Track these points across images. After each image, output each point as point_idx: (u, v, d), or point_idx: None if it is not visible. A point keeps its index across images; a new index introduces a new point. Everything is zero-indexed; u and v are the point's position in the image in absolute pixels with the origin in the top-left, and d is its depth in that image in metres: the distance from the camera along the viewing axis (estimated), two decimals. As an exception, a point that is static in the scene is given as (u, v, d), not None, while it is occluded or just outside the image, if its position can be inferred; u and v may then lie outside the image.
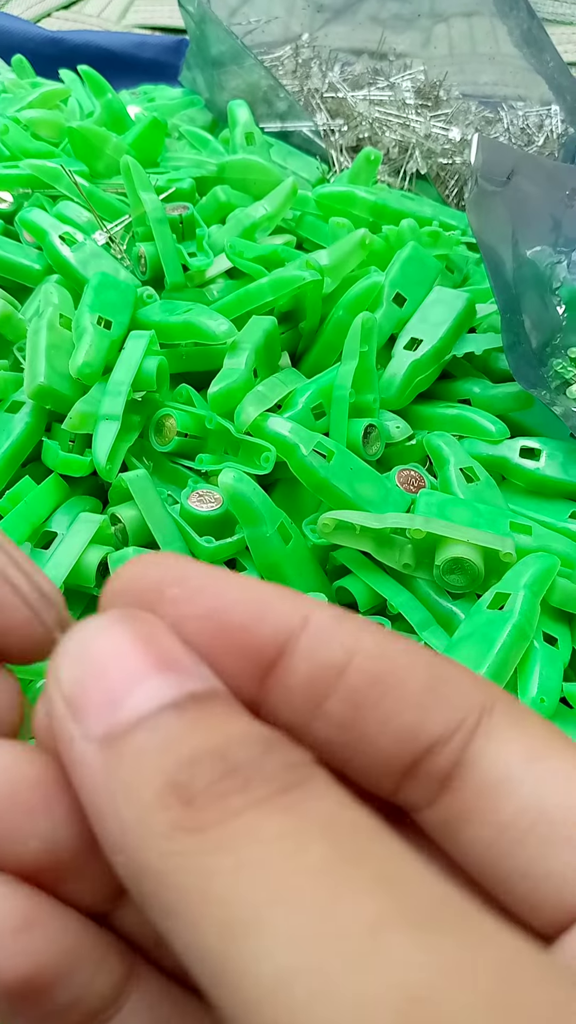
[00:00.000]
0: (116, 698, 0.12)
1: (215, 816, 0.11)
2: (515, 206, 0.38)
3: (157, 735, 0.11)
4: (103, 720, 0.12)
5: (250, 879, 0.10)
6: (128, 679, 0.12)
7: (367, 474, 0.29)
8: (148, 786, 0.11)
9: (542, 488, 0.31)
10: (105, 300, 0.32)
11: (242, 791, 0.11)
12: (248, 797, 0.11)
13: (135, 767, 0.11)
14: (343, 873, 0.10)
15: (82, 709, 0.12)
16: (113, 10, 0.68)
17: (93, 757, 0.11)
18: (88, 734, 0.12)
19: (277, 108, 0.46)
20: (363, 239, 0.34)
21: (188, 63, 0.51)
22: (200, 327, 0.31)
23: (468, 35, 0.59)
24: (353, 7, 0.56)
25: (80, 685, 0.12)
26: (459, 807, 0.13)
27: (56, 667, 0.12)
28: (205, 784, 0.11)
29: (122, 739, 0.11)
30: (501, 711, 0.13)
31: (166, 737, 0.11)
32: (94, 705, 0.12)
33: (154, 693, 0.12)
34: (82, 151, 0.39)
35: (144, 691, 0.12)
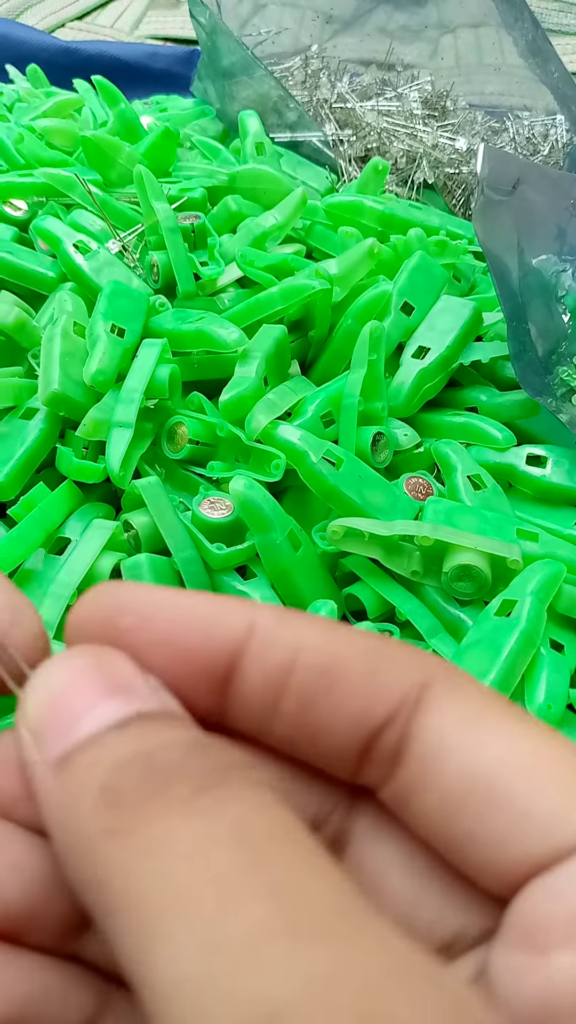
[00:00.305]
0: (71, 723, 0.12)
1: (137, 819, 0.11)
2: (521, 215, 0.38)
3: (100, 750, 0.12)
4: (59, 744, 0.12)
5: (159, 885, 0.10)
6: (83, 705, 0.13)
7: (376, 481, 0.30)
8: (86, 795, 0.12)
9: (549, 495, 0.32)
10: (118, 308, 0.32)
11: (161, 792, 0.11)
12: (166, 798, 0.11)
13: (78, 780, 0.12)
14: (239, 881, 0.10)
15: (42, 736, 0.13)
16: (126, 21, 0.69)
17: (49, 779, 0.12)
18: (47, 758, 0.12)
19: (287, 118, 0.46)
20: (371, 248, 0.34)
21: (199, 74, 0.51)
22: (211, 335, 0.31)
23: (475, 46, 0.60)
24: (362, 19, 0.56)
25: (42, 715, 0.13)
26: (407, 780, 0.13)
27: (23, 701, 0.13)
28: (131, 785, 0.11)
29: (71, 758, 0.12)
30: (440, 684, 0.13)
31: (107, 751, 0.12)
32: (52, 731, 0.13)
33: (103, 715, 0.12)
34: (96, 160, 0.40)
35: (95, 714, 0.12)
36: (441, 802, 0.13)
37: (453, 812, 0.13)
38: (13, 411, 0.32)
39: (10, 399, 0.32)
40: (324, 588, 0.29)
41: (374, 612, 0.29)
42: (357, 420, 0.31)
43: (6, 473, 0.30)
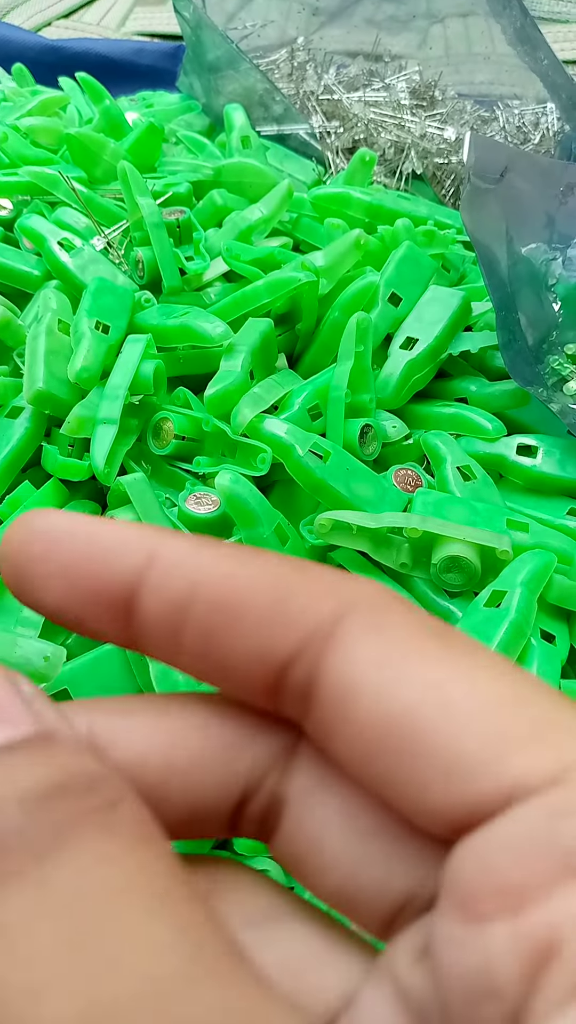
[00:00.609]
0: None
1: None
2: (509, 203, 0.38)
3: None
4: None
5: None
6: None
7: (364, 474, 0.30)
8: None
9: (539, 485, 0.31)
10: (103, 305, 0.32)
11: (1, 863, 0.10)
12: (4, 870, 0.10)
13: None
14: (56, 965, 0.09)
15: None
16: (112, 18, 0.68)
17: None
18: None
19: (273, 111, 0.46)
20: (358, 239, 0.34)
21: (185, 69, 0.51)
22: (196, 330, 0.31)
23: (463, 35, 0.59)
24: (348, 10, 0.56)
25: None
26: (320, 720, 0.12)
27: None
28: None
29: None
30: (358, 614, 0.12)
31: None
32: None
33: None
34: (80, 157, 0.40)
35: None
36: (354, 747, 0.12)
37: (370, 758, 0.12)
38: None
39: (-5, 398, 0.32)
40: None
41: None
42: (345, 412, 0.30)
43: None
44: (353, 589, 0.13)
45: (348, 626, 0.12)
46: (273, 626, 0.12)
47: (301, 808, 0.13)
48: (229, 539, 0.29)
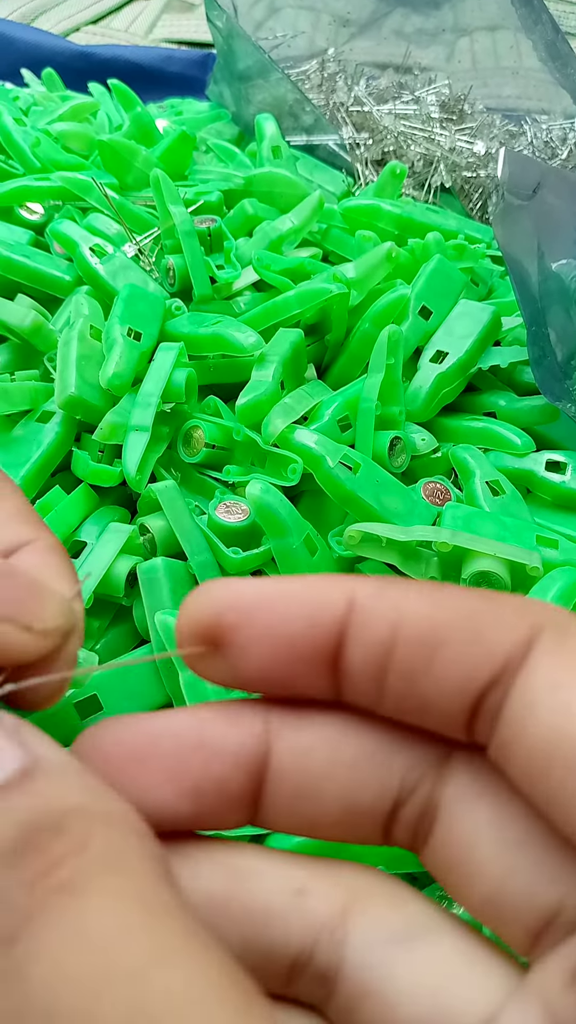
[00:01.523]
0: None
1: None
2: (541, 219, 0.38)
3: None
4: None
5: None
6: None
7: (393, 486, 0.30)
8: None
9: (568, 502, 0.31)
10: (135, 312, 0.32)
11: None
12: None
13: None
14: None
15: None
16: (140, 24, 0.69)
17: None
18: None
19: (303, 122, 0.46)
20: (389, 252, 0.34)
21: (215, 77, 0.51)
22: (228, 339, 0.31)
23: (491, 49, 0.59)
24: (378, 22, 0.56)
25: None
26: (502, 739, 0.13)
27: None
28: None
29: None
30: (545, 638, 0.13)
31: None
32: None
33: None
34: (112, 164, 0.40)
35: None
36: (528, 764, 0.12)
37: (537, 775, 0.12)
38: (29, 414, 0.32)
39: (26, 402, 0.32)
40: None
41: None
42: (374, 424, 0.30)
43: (22, 476, 0.30)
44: (540, 613, 0.13)
45: (537, 649, 0.13)
46: (473, 658, 0.13)
47: (453, 816, 0.14)
48: (258, 548, 0.29)
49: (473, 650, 0.13)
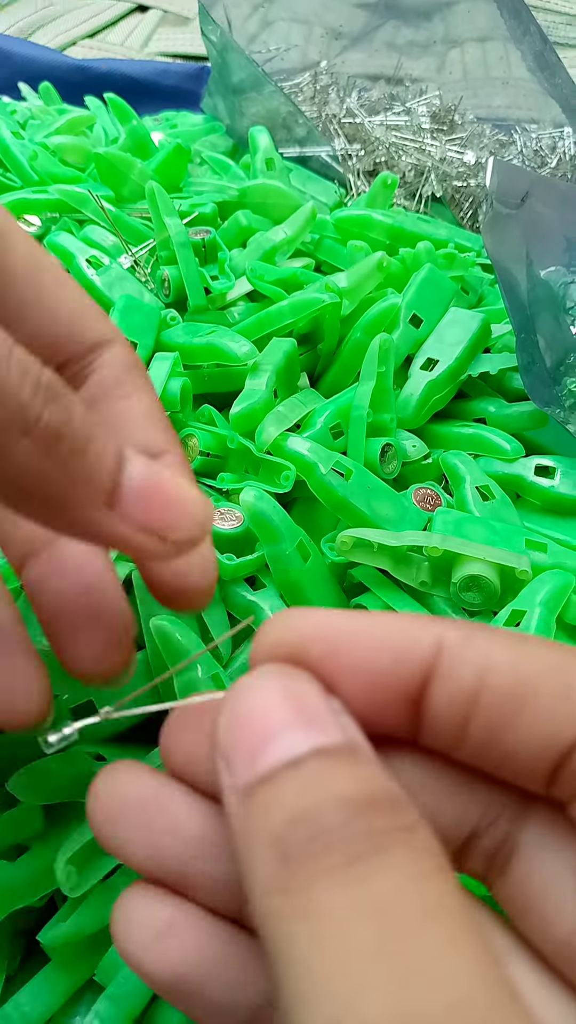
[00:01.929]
0: (256, 751, 0.13)
1: (299, 880, 0.11)
2: (529, 228, 0.39)
3: (275, 791, 0.12)
4: (245, 772, 0.13)
5: (312, 950, 0.11)
6: (267, 733, 0.13)
7: (385, 492, 0.30)
8: (261, 840, 0.12)
9: (557, 506, 0.32)
10: (131, 322, 0.33)
11: (322, 855, 0.11)
12: (324, 863, 0.11)
13: (256, 820, 0.12)
14: (371, 965, 0.10)
15: (231, 761, 0.13)
16: (136, 38, 0.70)
17: (236, 807, 0.13)
18: (234, 785, 0.13)
19: (296, 134, 0.47)
20: (380, 262, 0.35)
21: (210, 90, 0.52)
22: (223, 348, 0.32)
23: (481, 60, 0.60)
24: (370, 34, 0.57)
25: (230, 738, 0.13)
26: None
27: (220, 719, 0.14)
28: (298, 843, 0.12)
29: (253, 791, 0.12)
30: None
31: (280, 794, 0.12)
32: (239, 757, 0.13)
33: (284, 748, 0.13)
34: (108, 176, 0.41)
35: (277, 745, 0.13)
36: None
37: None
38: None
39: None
40: (333, 598, 0.30)
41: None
42: (366, 431, 0.31)
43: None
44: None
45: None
46: (562, 713, 0.13)
47: (534, 856, 0.14)
48: (251, 554, 0.29)
49: (562, 705, 0.13)
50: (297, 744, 0.13)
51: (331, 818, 0.12)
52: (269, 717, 0.13)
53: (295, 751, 0.12)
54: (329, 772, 0.12)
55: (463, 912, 0.11)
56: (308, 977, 0.11)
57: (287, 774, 0.12)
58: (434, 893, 0.11)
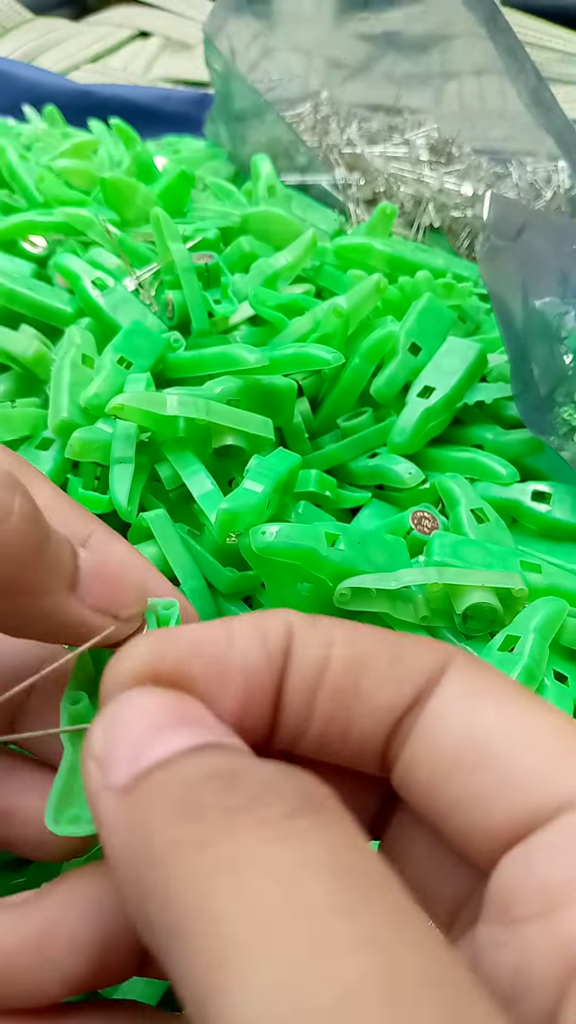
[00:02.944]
0: (140, 750, 0.12)
1: (219, 832, 0.10)
2: (525, 259, 0.40)
3: (173, 768, 0.12)
4: (126, 770, 0.12)
5: (243, 911, 0.10)
6: (151, 734, 0.13)
7: (373, 539, 0.29)
8: (159, 810, 0.11)
9: (552, 531, 0.32)
10: (132, 344, 0.33)
11: (248, 809, 0.11)
12: (254, 816, 0.11)
13: (147, 797, 0.12)
14: (334, 926, 0.09)
15: (108, 764, 0.12)
16: (139, 64, 0.71)
17: (114, 803, 0.12)
18: (111, 784, 0.12)
19: (297, 162, 0.48)
20: (378, 283, 0.35)
21: (213, 117, 0.53)
22: (235, 356, 0.32)
23: (478, 93, 0.62)
24: (370, 65, 0.58)
25: (108, 744, 0.13)
26: (409, 755, 0.14)
27: (91, 731, 0.13)
28: (211, 800, 0.11)
29: (141, 779, 0.12)
30: (456, 664, 0.14)
31: (181, 770, 0.12)
32: (119, 759, 0.12)
33: (175, 742, 0.12)
34: (113, 200, 0.41)
35: (165, 741, 0.12)
36: (435, 768, 0.13)
37: (445, 778, 0.13)
38: (29, 441, 0.33)
39: (26, 428, 0.33)
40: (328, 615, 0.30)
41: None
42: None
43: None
44: (451, 647, 0.15)
45: (449, 672, 0.14)
46: (396, 678, 0.14)
47: (394, 833, 0.15)
48: (250, 571, 0.29)
49: (396, 670, 0.14)
50: (190, 738, 0.12)
51: (254, 774, 0.11)
52: (153, 721, 0.13)
53: (190, 742, 0.12)
54: (235, 753, 0.12)
55: (400, 882, 0.11)
56: (244, 936, 0.09)
57: (186, 755, 0.12)
58: (375, 858, 0.11)
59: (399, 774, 0.14)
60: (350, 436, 0.35)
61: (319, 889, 0.10)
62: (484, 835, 0.13)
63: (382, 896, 0.10)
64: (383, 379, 0.35)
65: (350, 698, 0.14)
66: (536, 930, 0.11)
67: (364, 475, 0.34)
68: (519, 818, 0.12)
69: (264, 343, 0.36)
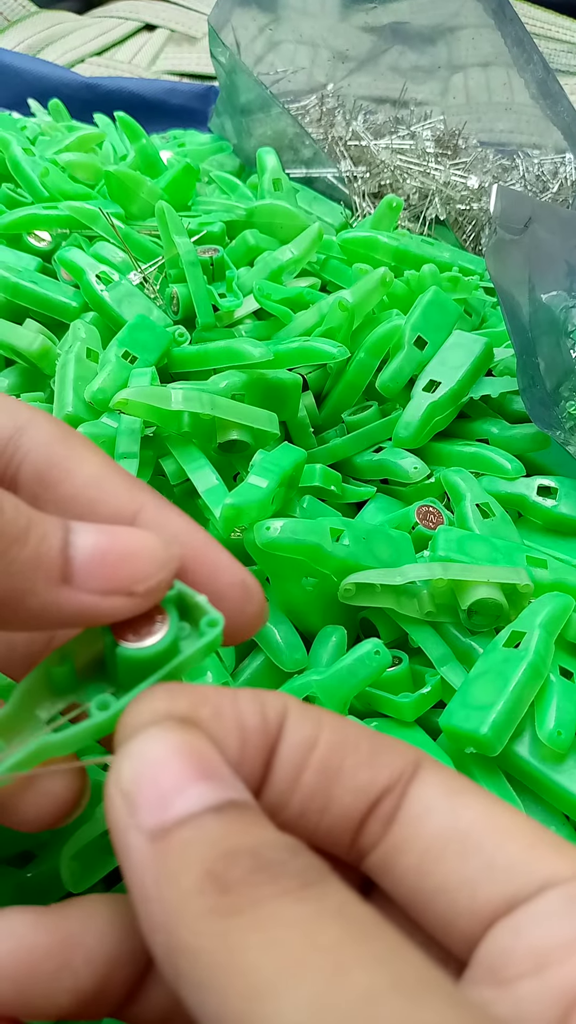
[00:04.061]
0: (166, 798, 0.14)
1: (247, 902, 0.12)
2: (532, 253, 0.39)
3: (200, 832, 0.13)
4: (154, 816, 0.14)
5: (273, 953, 0.12)
6: (177, 783, 0.14)
7: (377, 534, 0.29)
8: (189, 874, 0.13)
9: (558, 526, 0.32)
10: (137, 338, 0.33)
11: (271, 883, 0.13)
12: (276, 888, 0.13)
13: (179, 858, 0.13)
14: (348, 952, 0.12)
15: (136, 804, 0.14)
16: (144, 57, 0.70)
17: (143, 846, 0.13)
18: (140, 826, 0.14)
19: (302, 155, 0.47)
20: (383, 276, 0.35)
21: (218, 110, 0.53)
22: (240, 351, 0.32)
23: (485, 85, 0.61)
24: (375, 58, 0.58)
25: (136, 783, 0.14)
26: (394, 841, 0.16)
27: (117, 765, 0.14)
28: (240, 875, 0.13)
29: (170, 833, 0.13)
30: (427, 764, 0.16)
31: (207, 834, 0.13)
32: (147, 802, 0.14)
33: (199, 797, 0.14)
34: (117, 194, 0.41)
35: (190, 794, 0.14)
36: (422, 856, 0.15)
37: (431, 865, 0.15)
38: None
39: (32, 425, 0.33)
40: (335, 612, 0.30)
41: (388, 637, 0.29)
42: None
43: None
44: (420, 750, 0.17)
45: (423, 770, 0.16)
46: (376, 764, 0.16)
47: None
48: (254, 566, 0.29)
49: (376, 759, 0.16)
50: (210, 795, 0.14)
51: (272, 855, 0.13)
52: (177, 768, 0.14)
53: (210, 800, 0.14)
54: (251, 821, 0.14)
55: (391, 926, 0.13)
56: (275, 973, 0.12)
57: (209, 817, 0.14)
58: (373, 912, 0.13)
59: (377, 859, 0.16)
60: (355, 430, 0.35)
61: (332, 930, 0.12)
62: (469, 914, 0.15)
63: (381, 933, 0.12)
64: (388, 373, 0.35)
65: (332, 775, 0.16)
66: (529, 985, 0.13)
67: (369, 469, 0.34)
68: (503, 897, 0.14)
69: (269, 337, 0.36)
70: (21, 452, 0.18)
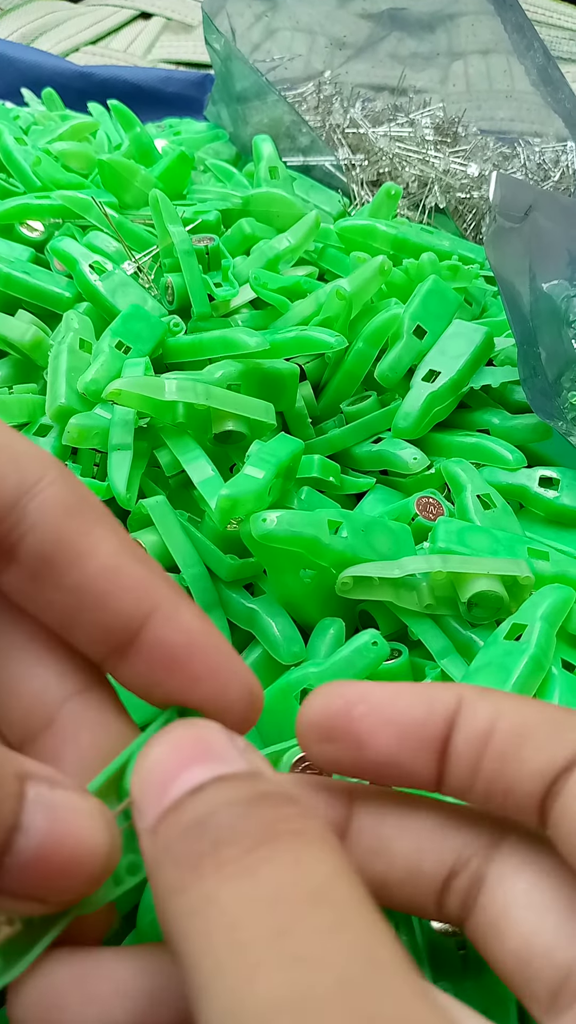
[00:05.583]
0: (161, 791, 0.14)
1: (191, 878, 0.12)
2: (532, 241, 0.39)
3: (175, 815, 0.14)
4: (152, 812, 0.14)
5: (201, 946, 0.12)
6: (171, 774, 0.14)
7: (376, 526, 0.29)
8: (163, 857, 0.13)
9: (560, 517, 0.32)
10: (131, 329, 0.33)
11: (211, 854, 0.13)
12: (216, 859, 0.12)
13: (159, 842, 0.14)
14: (263, 951, 0.11)
15: (141, 807, 0.14)
16: (139, 45, 0.70)
17: (147, 844, 0.14)
18: (146, 827, 0.14)
19: (299, 143, 0.47)
20: (382, 265, 0.35)
21: (213, 98, 0.52)
22: (236, 340, 0.32)
23: (485, 73, 0.61)
24: (373, 45, 0.57)
25: (139, 787, 0.14)
26: (564, 809, 0.15)
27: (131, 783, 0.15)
28: (188, 849, 0.13)
29: (159, 823, 0.14)
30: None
31: (179, 814, 0.14)
32: (148, 801, 0.14)
33: (187, 780, 0.14)
34: (111, 183, 0.41)
35: (181, 780, 0.14)
36: None
37: None
38: (27, 427, 0.32)
39: (24, 415, 0.33)
40: (333, 604, 0.29)
41: (387, 629, 0.29)
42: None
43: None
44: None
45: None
46: (553, 746, 0.16)
47: (494, 886, 0.16)
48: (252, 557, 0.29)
49: (554, 740, 0.16)
50: (199, 775, 0.14)
51: (221, 818, 0.13)
52: (174, 759, 0.14)
53: (197, 780, 0.14)
54: (227, 787, 0.14)
55: (352, 894, 0.12)
56: (206, 968, 0.11)
57: (187, 798, 0.14)
58: (321, 877, 0.12)
59: (553, 830, 0.16)
60: (354, 421, 0.34)
61: (253, 922, 0.12)
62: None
63: (312, 915, 0.12)
64: (387, 363, 0.34)
65: (511, 761, 0.16)
66: None
67: (368, 460, 0.34)
68: None
69: (266, 327, 0.36)
70: (27, 522, 0.16)
